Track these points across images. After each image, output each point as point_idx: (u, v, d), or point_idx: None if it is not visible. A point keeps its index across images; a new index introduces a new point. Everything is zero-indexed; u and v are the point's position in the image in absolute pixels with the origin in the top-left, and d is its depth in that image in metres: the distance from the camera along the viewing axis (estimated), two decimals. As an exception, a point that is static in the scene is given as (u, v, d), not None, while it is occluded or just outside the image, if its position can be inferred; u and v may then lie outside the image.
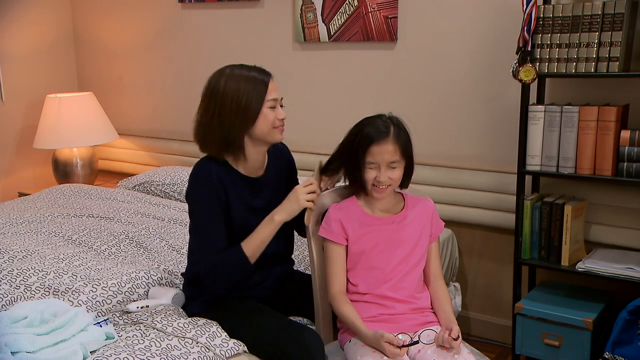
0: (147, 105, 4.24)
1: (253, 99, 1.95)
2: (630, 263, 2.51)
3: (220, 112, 1.97)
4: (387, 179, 1.95)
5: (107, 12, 4.26)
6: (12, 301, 2.18)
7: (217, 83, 2.00)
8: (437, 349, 1.86)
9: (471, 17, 2.96)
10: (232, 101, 1.95)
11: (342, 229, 2.01)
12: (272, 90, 1.99)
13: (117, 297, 2.24)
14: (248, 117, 1.96)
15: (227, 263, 1.97)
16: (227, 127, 1.97)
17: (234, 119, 1.96)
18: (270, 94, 1.99)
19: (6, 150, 4.19)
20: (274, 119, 2.00)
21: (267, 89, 1.98)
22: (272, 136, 2.02)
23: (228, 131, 1.98)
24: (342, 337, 2.02)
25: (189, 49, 3.95)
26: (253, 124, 1.97)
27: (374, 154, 1.94)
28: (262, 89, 1.97)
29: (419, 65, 3.14)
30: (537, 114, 2.58)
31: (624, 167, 2.45)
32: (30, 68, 4.24)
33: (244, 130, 1.98)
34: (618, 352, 2.36)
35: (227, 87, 1.97)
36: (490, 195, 2.99)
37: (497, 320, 3.14)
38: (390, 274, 1.99)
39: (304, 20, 3.44)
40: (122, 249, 2.69)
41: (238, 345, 2.00)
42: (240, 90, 1.95)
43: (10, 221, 3.03)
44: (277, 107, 2.02)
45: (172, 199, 3.57)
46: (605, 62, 2.42)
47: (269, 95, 1.98)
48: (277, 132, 2.03)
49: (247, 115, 1.95)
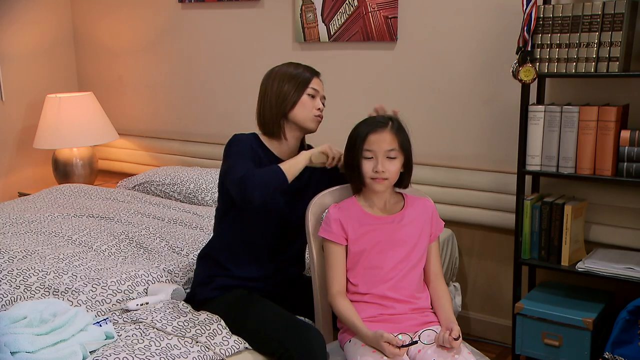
0: (147, 105, 4.24)
1: (295, 86, 2.16)
2: (630, 263, 2.51)
3: (267, 94, 2.19)
4: (385, 168, 1.95)
5: (107, 12, 4.26)
6: (12, 301, 2.18)
7: (272, 71, 2.23)
8: (437, 349, 1.86)
9: (471, 17, 2.96)
10: (278, 85, 2.17)
11: (341, 229, 2.01)
12: (315, 83, 2.19)
13: (117, 295, 2.24)
14: (287, 103, 2.15)
15: (263, 171, 2.02)
16: (269, 111, 2.18)
17: (277, 104, 2.16)
18: (312, 84, 2.17)
19: (6, 150, 4.19)
20: (312, 107, 2.17)
21: (310, 80, 2.18)
22: (309, 124, 2.18)
23: (270, 112, 2.18)
24: (342, 337, 2.02)
25: (189, 49, 3.96)
26: (292, 109, 2.15)
27: (371, 142, 1.95)
28: (306, 79, 2.18)
29: (419, 66, 3.14)
30: (537, 114, 2.58)
31: (623, 167, 2.45)
32: (30, 68, 4.24)
33: (283, 112, 2.16)
34: (618, 352, 2.36)
35: (278, 74, 2.20)
36: (490, 195, 2.99)
37: (497, 320, 3.14)
38: (390, 274, 1.99)
39: (304, 20, 3.44)
40: (122, 249, 2.68)
41: (239, 342, 2.00)
42: (287, 77, 2.17)
43: (10, 221, 3.03)
44: (317, 98, 2.19)
45: (172, 199, 3.57)
46: (605, 62, 2.42)
47: (311, 85, 2.17)
48: (314, 121, 2.18)
49: (286, 102, 2.15)
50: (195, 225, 2.98)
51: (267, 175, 1.99)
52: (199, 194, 3.49)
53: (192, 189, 3.52)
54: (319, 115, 2.19)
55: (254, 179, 1.96)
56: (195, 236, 2.82)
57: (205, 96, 3.96)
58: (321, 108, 2.20)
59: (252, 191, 1.95)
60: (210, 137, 3.97)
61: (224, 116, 3.89)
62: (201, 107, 3.98)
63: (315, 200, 2.13)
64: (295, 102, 2.15)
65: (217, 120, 3.93)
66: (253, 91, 3.72)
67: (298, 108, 2.15)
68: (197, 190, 3.50)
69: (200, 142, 3.99)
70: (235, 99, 3.83)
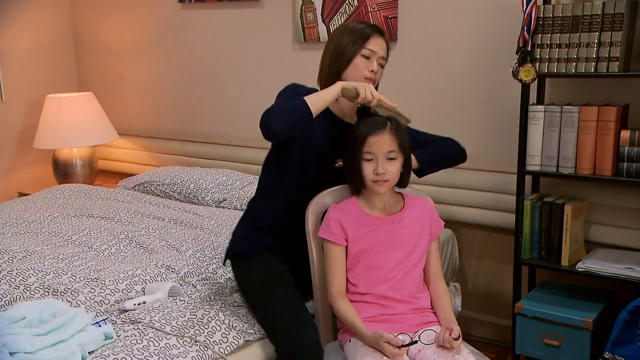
0: (147, 105, 4.24)
1: (349, 45, 2.08)
2: (630, 263, 2.51)
3: (328, 47, 2.14)
4: (385, 170, 1.95)
5: (107, 12, 4.26)
6: (11, 301, 2.18)
7: (335, 31, 2.17)
8: (437, 349, 1.86)
9: (471, 17, 2.96)
10: (338, 39, 2.11)
11: (341, 230, 2.01)
12: (373, 43, 2.09)
13: (115, 295, 2.24)
14: (340, 60, 2.09)
15: (286, 102, 2.00)
16: (327, 67, 2.13)
17: (333, 60, 2.11)
18: (369, 45, 2.08)
19: (6, 150, 4.19)
20: (364, 68, 2.08)
21: (367, 40, 2.08)
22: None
23: (327, 71, 2.13)
24: (342, 337, 2.02)
25: (189, 49, 3.96)
26: (345, 68, 2.09)
27: (371, 145, 1.95)
28: (362, 38, 2.08)
29: (419, 65, 3.14)
30: (537, 114, 2.58)
31: (623, 167, 2.45)
32: (30, 68, 4.24)
33: (337, 71, 2.10)
34: (618, 352, 2.36)
35: (343, 27, 2.15)
36: (490, 195, 2.99)
37: (497, 320, 3.14)
38: (390, 274, 1.99)
39: (304, 20, 3.43)
40: (122, 249, 2.68)
41: (237, 338, 2.01)
42: (344, 35, 2.10)
43: (10, 221, 3.03)
44: (373, 60, 2.09)
45: (172, 199, 3.57)
46: (605, 62, 2.42)
47: (367, 45, 2.08)
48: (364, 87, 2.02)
49: (340, 58, 2.09)
50: (196, 226, 2.98)
51: (289, 106, 1.97)
52: (199, 194, 3.49)
53: (192, 189, 3.52)
54: (371, 78, 2.09)
55: (275, 109, 1.97)
56: (195, 236, 2.82)
57: (205, 96, 3.96)
58: (375, 70, 2.09)
59: (272, 121, 1.93)
60: (210, 137, 3.97)
61: (224, 116, 3.89)
62: (201, 107, 3.98)
63: (315, 200, 2.12)
64: (349, 61, 2.07)
65: (217, 120, 3.93)
66: (253, 91, 3.75)
67: (350, 69, 2.08)
68: (197, 190, 3.50)
69: (200, 142, 3.99)
70: (236, 99, 3.83)
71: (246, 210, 2.33)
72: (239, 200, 3.37)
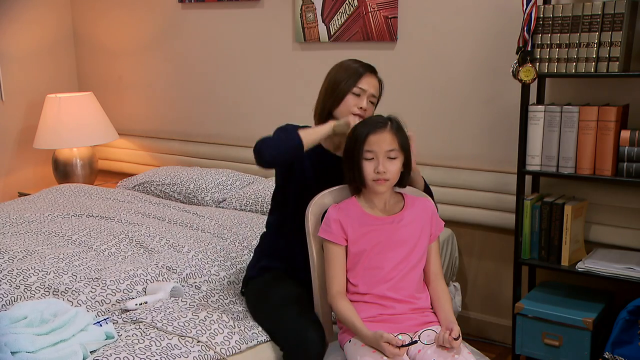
0: (147, 105, 4.24)
1: (343, 82, 2.16)
2: (630, 263, 2.51)
3: (322, 90, 2.23)
4: (386, 169, 1.95)
5: (107, 12, 4.26)
6: (12, 301, 2.18)
7: (332, 68, 2.26)
8: (437, 349, 1.86)
9: (471, 17, 2.96)
10: (330, 81, 2.21)
11: (341, 230, 2.01)
12: (364, 82, 2.16)
13: (116, 295, 2.24)
14: (333, 97, 2.17)
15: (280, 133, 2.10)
16: (321, 102, 2.22)
17: (327, 96, 2.19)
18: (361, 84, 2.16)
19: (6, 150, 4.19)
20: (354, 105, 2.15)
21: (359, 79, 2.16)
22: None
23: (322, 106, 2.21)
24: (342, 337, 2.02)
25: (189, 49, 3.96)
26: (337, 105, 2.16)
27: (371, 144, 1.95)
28: (355, 77, 2.16)
29: (419, 65, 3.14)
30: (537, 114, 2.58)
31: (623, 167, 2.45)
32: (30, 68, 4.24)
33: (330, 108, 2.18)
34: (618, 352, 2.36)
35: (333, 69, 2.24)
36: (490, 195, 2.99)
37: (497, 320, 3.14)
38: (390, 274, 1.99)
39: (304, 20, 3.44)
40: (122, 249, 2.68)
41: (240, 343, 2.00)
42: (339, 73, 2.19)
43: (10, 221, 3.03)
44: (363, 97, 2.16)
45: (172, 199, 3.57)
46: (605, 62, 2.42)
47: (359, 84, 2.15)
48: (354, 118, 2.12)
49: (333, 95, 2.17)
50: (197, 227, 2.97)
51: (281, 136, 2.07)
52: (199, 194, 3.49)
53: (192, 189, 3.52)
54: (359, 114, 2.14)
55: (269, 138, 2.06)
56: (195, 236, 2.82)
57: (205, 96, 3.96)
58: (364, 107, 2.15)
59: (264, 148, 2.02)
60: (210, 137, 3.97)
61: (224, 116, 3.89)
62: (201, 107, 3.99)
63: (315, 200, 2.12)
64: (341, 99, 2.15)
65: (217, 120, 3.93)
66: (253, 91, 3.75)
67: (341, 106, 2.16)
68: (197, 190, 3.51)
69: (200, 142, 4.00)
70: (236, 99, 3.83)
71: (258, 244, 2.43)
72: (238, 200, 3.38)
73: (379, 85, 2.22)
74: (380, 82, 2.23)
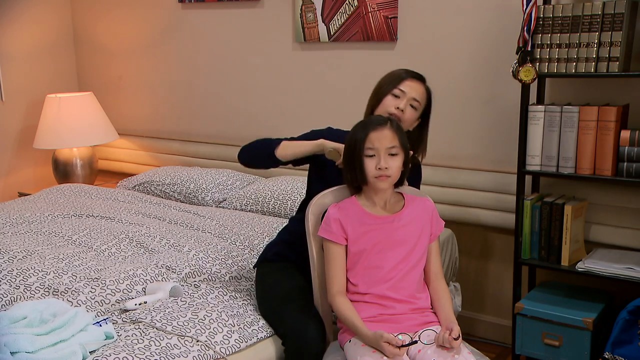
0: (147, 105, 4.24)
1: (385, 85, 2.24)
2: (630, 263, 2.51)
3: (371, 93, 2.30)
4: (387, 165, 1.95)
5: (107, 12, 4.26)
6: (11, 301, 2.18)
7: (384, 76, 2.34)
8: (437, 349, 1.86)
9: (471, 17, 2.96)
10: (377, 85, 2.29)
11: (341, 229, 2.01)
12: (405, 84, 2.22)
13: (115, 295, 2.24)
14: (377, 98, 2.24)
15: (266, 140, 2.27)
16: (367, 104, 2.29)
17: (371, 97, 2.27)
18: (402, 86, 2.22)
19: (6, 150, 4.19)
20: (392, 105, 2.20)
21: (400, 82, 2.23)
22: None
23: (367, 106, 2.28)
24: (342, 337, 2.02)
25: (189, 49, 3.96)
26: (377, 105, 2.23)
27: (372, 140, 1.96)
28: (397, 80, 2.23)
29: (419, 65, 3.11)
30: (537, 114, 2.58)
31: (624, 167, 2.45)
32: (30, 68, 4.24)
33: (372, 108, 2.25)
34: (618, 352, 2.36)
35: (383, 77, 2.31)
36: (490, 195, 2.99)
37: (497, 320, 3.14)
38: (390, 274, 1.99)
39: (304, 20, 3.44)
40: (122, 249, 2.68)
41: (240, 342, 2.00)
42: (385, 78, 2.28)
43: (10, 221, 3.03)
44: (402, 99, 2.21)
45: (172, 199, 3.57)
46: (605, 62, 2.42)
47: (400, 86, 2.21)
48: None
49: (375, 97, 2.25)
50: (197, 227, 2.97)
51: (261, 143, 2.26)
52: (199, 194, 3.49)
53: (192, 189, 3.52)
54: (394, 113, 2.17)
55: (253, 142, 2.28)
56: (196, 236, 2.82)
57: (205, 96, 3.96)
58: (401, 107, 2.18)
59: (241, 151, 2.29)
60: (210, 137, 3.97)
61: (224, 116, 3.89)
62: (201, 107, 3.99)
63: (315, 200, 2.13)
64: (380, 99, 2.21)
65: (217, 120, 3.93)
66: (253, 91, 3.75)
67: (380, 106, 2.21)
68: (197, 190, 3.51)
69: (200, 142, 4.00)
70: (236, 99, 3.83)
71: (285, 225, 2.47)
72: (239, 200, 3.38)
73: (425, 93, 2.25)
74: (427, 91, 2.26)
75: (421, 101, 2.23)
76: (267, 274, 2.30)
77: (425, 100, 2.26)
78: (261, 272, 2.33)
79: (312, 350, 1.98)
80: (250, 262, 2.59)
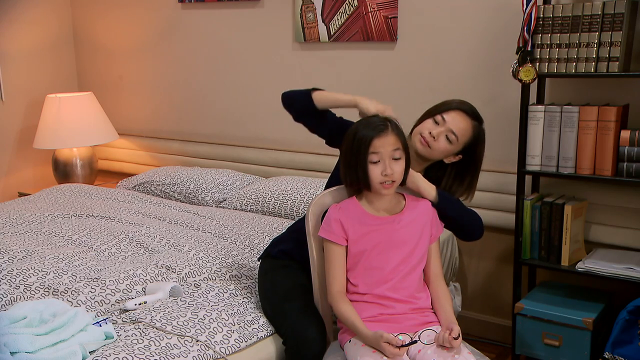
0: (147, 105, 4.24)
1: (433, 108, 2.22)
2: (630, 263, 2.51)
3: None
4: (393, 170, 1.94)
5: (107, 12, 4.26)
6: (11, 301, 2.18)
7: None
8: (437, 348, 1.86)
9: (471, 17, 2.96)
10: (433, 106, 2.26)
11: (342, 229, 2.00)
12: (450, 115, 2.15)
13: (115, 295, 2.24)
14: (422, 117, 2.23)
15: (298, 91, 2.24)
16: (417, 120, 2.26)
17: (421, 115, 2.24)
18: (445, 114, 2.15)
19: (6, 150, 4.19)
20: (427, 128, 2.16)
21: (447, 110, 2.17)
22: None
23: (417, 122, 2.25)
24: (342, 337, 2.02)
25: (189, 49, 3.96)
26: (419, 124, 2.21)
27: (376, 147, 1.94)
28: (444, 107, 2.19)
29: (419, 66, 3.14)
30: (537, 114, 2.58)
31: (624, 167, 2.45)
32: (30, 68, 4.24)
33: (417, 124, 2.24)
34: (618, 352, 2.36)
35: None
36: (490, 195, 2.99)
37: (497, 320, 3.14)
38: (391, 274, 1.99)
39: (304, 20, 3.44)
40: (122, 249, 2.68)
41: (240, 341, 2.01)
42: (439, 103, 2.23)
43: (10, 221, 3.03)
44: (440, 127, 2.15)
45: (172, 199, 3.57)
46: (605, 62, 2.42)
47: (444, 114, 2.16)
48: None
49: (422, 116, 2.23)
50: (197, 226, 2.98)
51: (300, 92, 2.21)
52: (199, 194, 3.49)
53: (192, 189, 3.53)
54: (425, 138, 2.13)
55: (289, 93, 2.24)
56: (196, 236, 2.82)
57: (205, 96, 3.96)
58: (434, 134, 2.12)
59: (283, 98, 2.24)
60: (210, 137, 3.97)
61: (224, 116, 3.89)
62: (201, 107, 3.99)
63: (315, 200, 2.12)
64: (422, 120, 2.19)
65: (217, 120, 3.93)
66: (253, 91, 3.75)
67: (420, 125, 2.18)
68: (197, 190, 3.51)
69: (200, 142, 3.99)
70: (235, 99, 3.83)
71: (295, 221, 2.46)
72: (239, 200, 3.38)
73: (469, 130, 2.14)
74: (474, 129, 2.15)
75: (460, 137, 2.12)
76: (269, 270, 2.30)
77: (467, 138, 2.14)
78: (264, 267, 2.34)
79: (312, 350, 1.98)
80: (250, 261, 2.59)
